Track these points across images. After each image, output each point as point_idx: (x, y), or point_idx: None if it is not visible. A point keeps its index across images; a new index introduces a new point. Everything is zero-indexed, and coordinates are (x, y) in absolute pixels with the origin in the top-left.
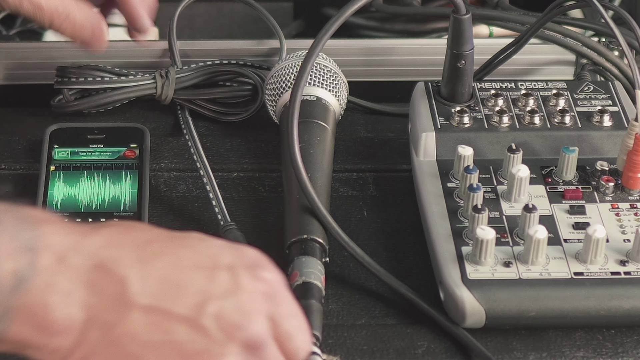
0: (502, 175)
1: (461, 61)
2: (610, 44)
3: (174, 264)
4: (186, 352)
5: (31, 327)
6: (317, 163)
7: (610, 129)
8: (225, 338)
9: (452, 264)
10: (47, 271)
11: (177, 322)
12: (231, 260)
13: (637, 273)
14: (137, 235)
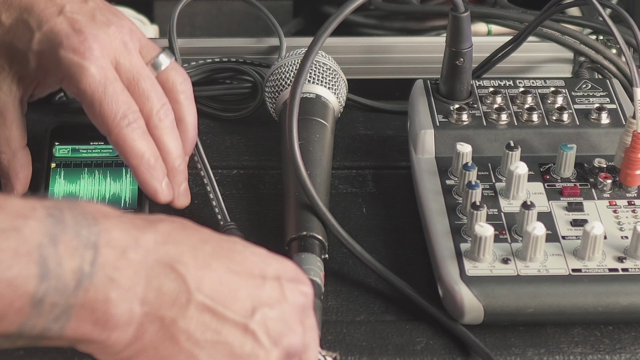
0: (500, 173)
1: (460, 59)
2: (608, 42)
3: (229, 268)
4: (236, 353)
5: (91, 323)
6: (316, 160)
7: (608, 126)
8: (271, 344)
9: (451, 261)
10: (108, 267)
11: (230, 324)
12: (276, 271)
13: (635, 270)
14: (192, 234)
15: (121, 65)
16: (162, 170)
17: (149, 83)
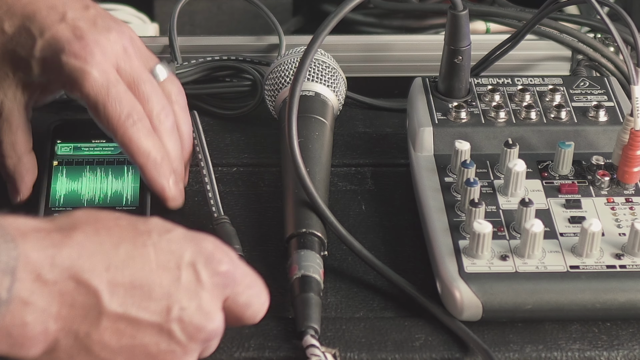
0: (498, 170)
1: (458, 57)
2: (606, 40)
3: (142, 268)
4: (152, 353)
5: (8, 345)
6: (315, 158)
7: (606, 124)
8: (187, 339)
9: (450, 258)
10: (24, 291)
11: (144, 326)
12: (191, 256)
13: (633, 266)
14: (105, 240)
15: (122, 69)
16: (168, 168)
17: (149, 86)
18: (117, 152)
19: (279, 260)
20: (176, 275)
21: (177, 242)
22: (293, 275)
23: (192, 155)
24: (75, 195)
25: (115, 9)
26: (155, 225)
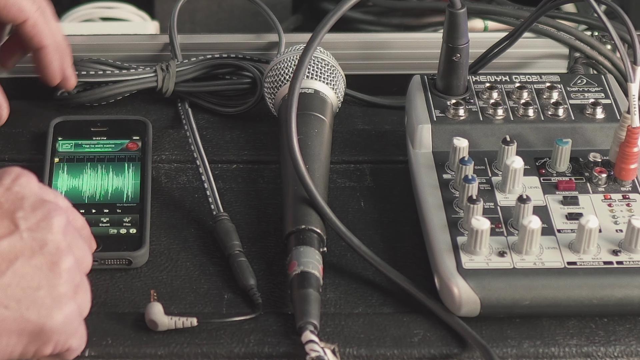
0: (496, 167)
1: (456, 55)
2: (603, 38)
3: None
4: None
5: None
6: (314, 155)
7: (603, 121)
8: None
9: (448, 254)
10: None
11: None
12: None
13: (629, 263)
14: None
15: None
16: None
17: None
18: (118, 150)
19: (279, 257)
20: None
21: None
22: (292, 271)
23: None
24: (77, 192)
25: (116, 7)
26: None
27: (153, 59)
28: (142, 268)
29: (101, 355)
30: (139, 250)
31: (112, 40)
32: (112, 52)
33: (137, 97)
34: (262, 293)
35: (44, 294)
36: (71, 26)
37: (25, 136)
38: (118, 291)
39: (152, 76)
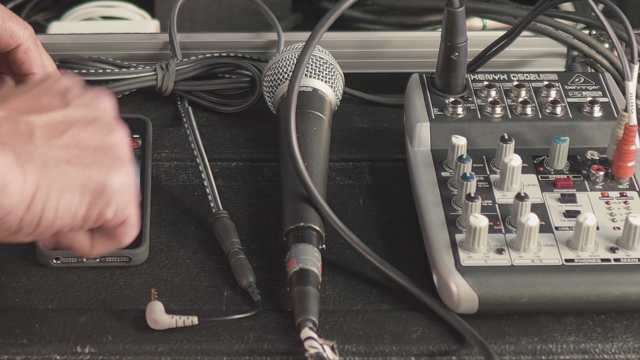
0: (494, 165)
1: (455, 53)
2: (601, 37)
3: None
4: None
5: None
6: (313, 152)
7: (601, 119)
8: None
9: (446, 251)
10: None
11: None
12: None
13: (627, 260)
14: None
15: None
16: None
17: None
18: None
19: (278, 254)
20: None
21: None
22: (291, 268)
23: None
24: None
25: (117, 6)
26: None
27: (153, 57)
28: (142, 265)
29: (101, 352)
30: (138, 247)
31: (113, 38)
32: (113, 50)
33: (137, 95)
34: (261, 290)
35: (103, 155)
36: (72, 25)
37: None
38: (118, 288)
39: (151, 75)
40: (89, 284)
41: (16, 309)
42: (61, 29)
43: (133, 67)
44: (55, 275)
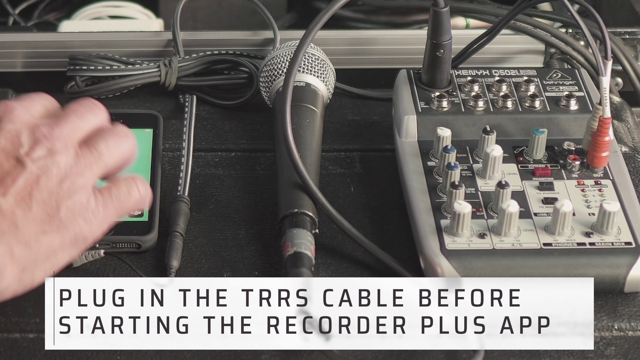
0: (477, 155)
1: (440, 50)
2: (577, 35)
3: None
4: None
5: None
6: (307, 143)
7: (577, 112)
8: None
9: (432, 236)
10: None
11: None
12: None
13: (601, 244)
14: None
15: None
16: None
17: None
18: None
19: (274, 238)
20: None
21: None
22: (286, 252)
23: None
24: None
25: (123, 6)
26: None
27: (157, 54)
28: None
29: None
30: (148, 234)
31: (119, 36)
32: (119, 48)
33: (141, 90)
34: (258, 272)
35: (68, 210)
36: (81, 24)
37: None
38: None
39: (155, 71)
40: (98, 267)
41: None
42: (71, 27)
43: (138, 64)
44: None
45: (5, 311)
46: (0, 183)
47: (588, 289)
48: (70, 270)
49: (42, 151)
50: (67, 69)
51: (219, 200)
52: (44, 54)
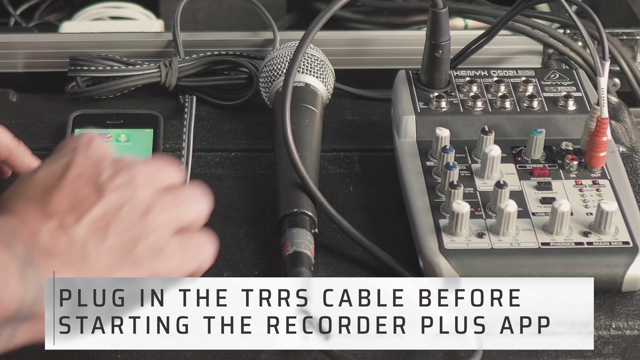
0: (476, 155)
1: (439, 51)
2: (574, 36)
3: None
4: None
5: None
6: (306, 143)
7: (575, 112)
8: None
9: (431, 235)
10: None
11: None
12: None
13: (599, 243)
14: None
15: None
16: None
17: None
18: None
19: (274, 238)
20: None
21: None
22: (286, 251)
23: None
24: None
25: (124, 7)
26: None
27: (158, 55)
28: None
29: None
30: None
31: (120, 37)
32: (120, 48)
33: (142, 90)
34: (258, 272)
35: (145, 249)
36: (82, 24)
37: (39, 126)
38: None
39: (156, 72)
40: None
41: None
42: (72, 28)
43: (139, 64)
44: None
45: None
46: (74, 209)
47: (588, 289)
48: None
49: (123, 180)
50: (68, 70)
51: (219, 200)
52: (45, 55)
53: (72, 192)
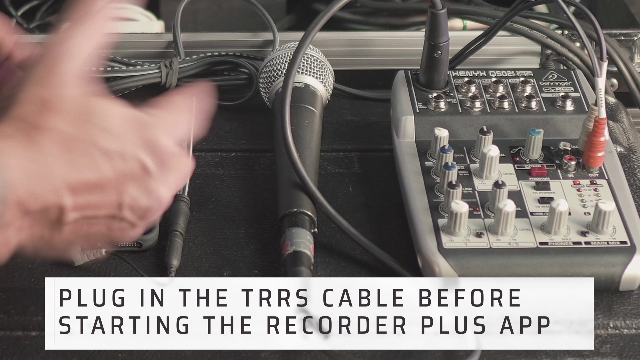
0: (474, 155)
1: (437, 52)
2: (572, 36)
3: (92, 171)
4: (105, 233)
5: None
6: (306, 143)
7: (572, 113)
8: (138, 219)
9: (429, 235)
10: (10, 218)
11: (100, 220)
12: (133, 149)
13: (597, 243)
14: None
15: None
16: None
17: None
18: None
19: (273, 237)
20: (123, 168)
21: (119, 136)
22: (286, 251)
23: None
24: None
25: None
26: (97, 118)
27: (158, 55)
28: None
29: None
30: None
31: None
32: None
33: (142, 91)
34: (258, 271)
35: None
36: None
37: None
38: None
39: (156, 72)
40: (99, 265)
41: (31, 288)
42: None
43: (139, 65)
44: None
45: (8, 309)
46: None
47: (588, 289)
48: (72, 269)
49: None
50: None
51: (219, 199)
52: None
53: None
